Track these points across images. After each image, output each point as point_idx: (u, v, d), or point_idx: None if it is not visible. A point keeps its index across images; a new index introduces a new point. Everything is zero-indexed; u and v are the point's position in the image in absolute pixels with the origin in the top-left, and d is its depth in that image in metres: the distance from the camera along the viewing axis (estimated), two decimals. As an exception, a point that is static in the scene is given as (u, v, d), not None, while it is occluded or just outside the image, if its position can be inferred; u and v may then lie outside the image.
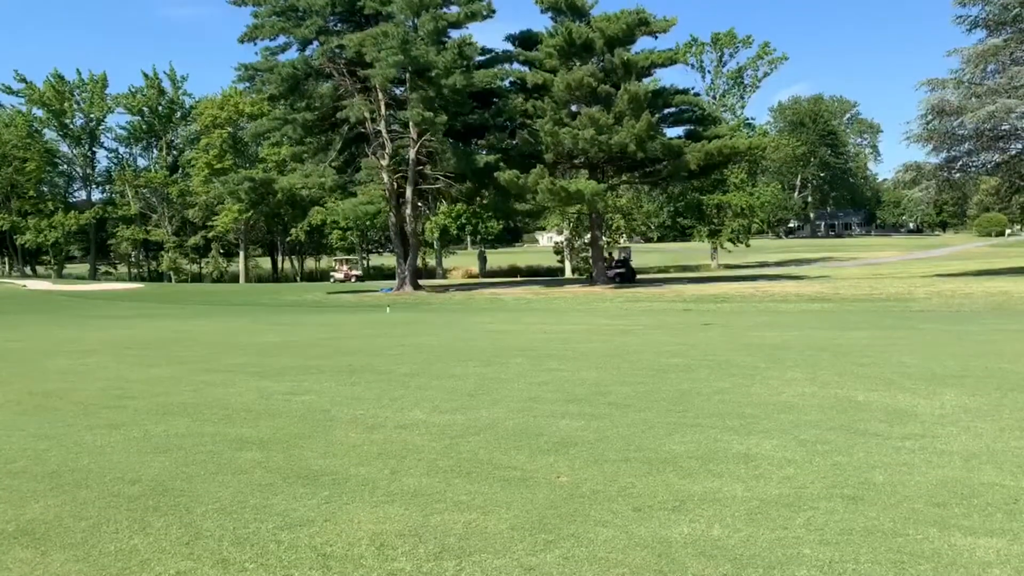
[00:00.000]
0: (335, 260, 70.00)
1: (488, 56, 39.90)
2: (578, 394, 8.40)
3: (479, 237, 78.08)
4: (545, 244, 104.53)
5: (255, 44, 39.26)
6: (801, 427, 6.56)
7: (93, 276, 75.01)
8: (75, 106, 73.66)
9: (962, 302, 23.05)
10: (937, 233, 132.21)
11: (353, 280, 58.85)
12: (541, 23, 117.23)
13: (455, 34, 37.69)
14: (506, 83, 39.96)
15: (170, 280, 72.10)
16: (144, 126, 75.38)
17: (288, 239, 75.21)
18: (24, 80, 70.56)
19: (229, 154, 68.03)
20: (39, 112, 72.53)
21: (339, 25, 39.39)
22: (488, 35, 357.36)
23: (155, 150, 78.35)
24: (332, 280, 60.59)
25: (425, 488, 5.11)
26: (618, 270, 43.67)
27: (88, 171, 78.47)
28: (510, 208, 43.25)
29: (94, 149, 78.05)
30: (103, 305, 36.33)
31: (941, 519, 4.29)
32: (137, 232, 72.97)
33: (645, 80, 38.07)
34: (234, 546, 4.18)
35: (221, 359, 12.96)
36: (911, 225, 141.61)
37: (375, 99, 36.89)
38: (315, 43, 38.80)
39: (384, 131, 37.02)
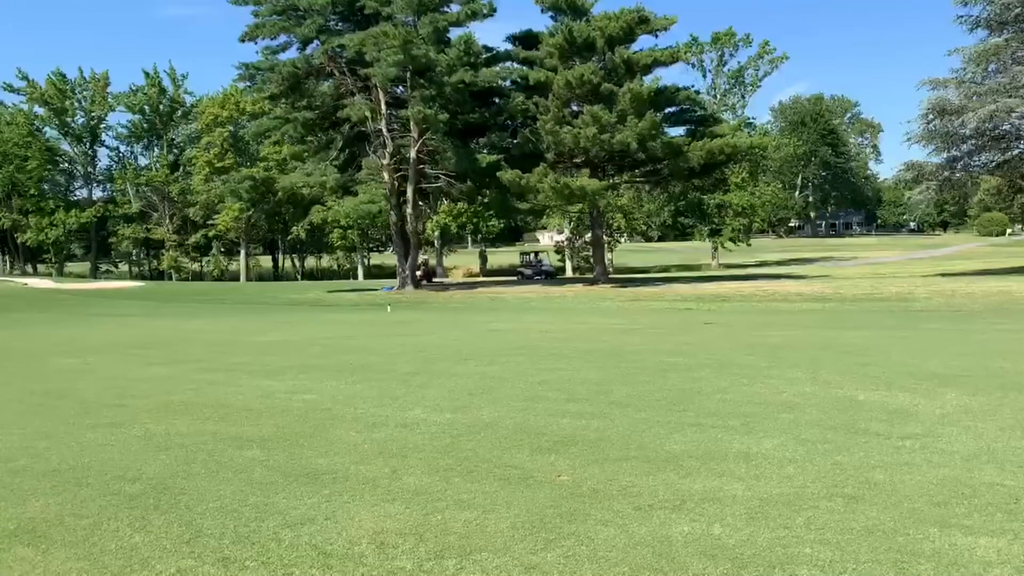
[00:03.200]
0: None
1: (489, 55, 39.87)
2: (579, 393, 8.40)
3: (480, 236, 78.04)
4: (546, 243, 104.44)
5: (256, 43, 39.25)
6: (802, 426, 6.56)
7: (94, 274, 74.93)
8: (76, 104, 73.58)
9: (963, 302, 23.03)
10: (938, 233, 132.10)
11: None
12: (541, 23, 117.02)
13: (455, 33, 37.71)
14: (507, 82, 39.93)
15: (171, 279, 72.09)
16: (145, 124, 75.26)
17: (289, 238, 75.20)
18: (26, 78, 70.58)
19: (230, 153, 67.95)
20: (40, 110, 72.51)
21: (339, 24, 39.35)
22: (488, 35, 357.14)
23: (156, 148, 78.23)
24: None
25: (426, 487, 5.11)
26: (417, 273, 50.73)
27: (89, 169, 78.43)
28: (511, 207, 43.25)
29: (95, 147, 77.98)
30: (104, 304, 36.36)
31: (942, 518, 4.29)
32: (138, 230, 72.92)
33: (646, 79, 38.04)
34: (235, 544, 4.18)
35: (222, 358, 12.97)
36: (912, 225, 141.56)
37: (376, 98, 36.87)
38: (315, 42, 38.76)
39: (385, 130, 36.99)
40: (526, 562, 3.86)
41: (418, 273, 49.89)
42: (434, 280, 53.19)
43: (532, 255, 58.93)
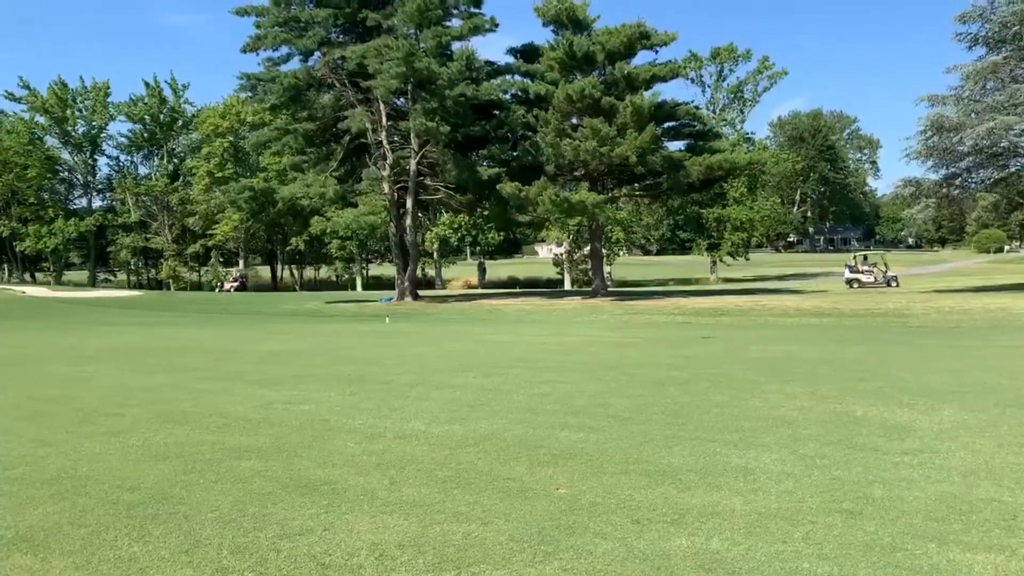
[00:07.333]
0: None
1: (490, 68, 40.05)
2: (577, 406, 8.41)
3: (479, 248, 78.13)
4: (544, 256, 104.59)
5: (257, 54, 39.40)
6: (800, 441, 6.57)
7: (92, 283, 74.94)
8: (77, 114, 73.79)
9: (960, 318, 23.04)
10: (936, 249, 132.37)
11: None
12: (542, 36, 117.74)
13: (457, 46, 37.89)
14: (508, 95, 40.08)
15: (169, 288, 72.06)
16: (145, 134, 75.43)
17: (288, 248, 75.24)
18: (27, 87, 70.78)
19: (230, 163, 68.11)
20: (41, 119, 72.65)
21: (341, 37, 39.52)
22: (489, 47, 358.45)
23: (156, 158, 78.38)
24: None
25: (424, 498, 5.12)
26: (235, 284, 63.85)
27: (89, 178, 78.49)
28: (511, 219, 43.33)
29: (95, 156, 78.09)
30: (102, 312, 36.32)
31: (940, 534, 4.30)
32: (137, 240, 72.97)
33: (646, 93, 38.18)
34: (233, 555, 4.18)
35: (220, 367, 12.97)
36: (910, 241, 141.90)
37: (376, 110, 36.99)
38: (317, 54, 38.93)
39: (385, 142, 37.09)
40: (524, 575, 3.86)
41: (235, 284, 63.17)
42: (248, 290, 62.30)
43: (862, 257, 49.85)
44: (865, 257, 50.62)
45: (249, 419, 7.98)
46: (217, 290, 65.42)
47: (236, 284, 64.02)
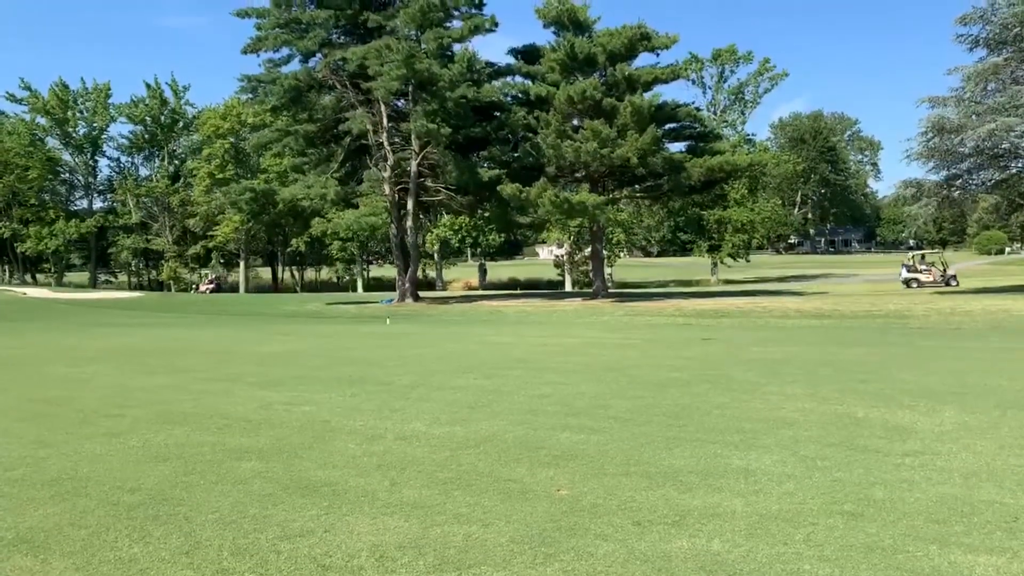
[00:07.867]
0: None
1: (491, 69, 40.09)
2: (578, 407, 8.40)
3: (479, 249, 78.13)
4: (545, 257, 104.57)
5: (258, 55, 39.44)
6: (801, 443, 6.57)
7: (93, 284, 74.95)
8: (78, 115, 73.82)
9: (962, 319, 23.02)
10: (937, 251, 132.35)
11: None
12: (543, 38, 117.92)
13: (458, 47, 37.92)
14: (508, 97, 40.08)
15: (170, 289, 72.10)
16: (146, 135, 75.44)
17: (288, 250, 75.26)
18: (29, 88, 70.80)
19: (231, 164, 68.11)
20: (42, 120, 72.68)
21: (342, 38, 39.55)
22: (490, 48, 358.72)
23: (157, 159, 78.40)
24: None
25: (425, 500, 5.11)
26: (210, 287, 66.79)
27: (90, 180, 78.51)
28: (512, 221, 43.35)
29: (96, 158, 78.09)
30: (103, 313, 36.33)
31: (941, 536, 4.29)
32: (138, 241, 73.01)
33: (647, 95, 38.18)
34: (233, 556, 4.18)
35: (221, 368, 12.97)
36: (911, 243, 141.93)
37: (377, 111, 37.01)
38: (318, 55, 38.96)
39: (386, 143, 37.11)
40: (525, 576, 3.86)
41: (210, 287, 66.43)
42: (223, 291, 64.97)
43: (920, 256, 48.25)
44: (923, 256, 49.43)
45: (250, 420, 7.98)
46: (194, 291, 68.50)
47: (211, 286, 67.54)
